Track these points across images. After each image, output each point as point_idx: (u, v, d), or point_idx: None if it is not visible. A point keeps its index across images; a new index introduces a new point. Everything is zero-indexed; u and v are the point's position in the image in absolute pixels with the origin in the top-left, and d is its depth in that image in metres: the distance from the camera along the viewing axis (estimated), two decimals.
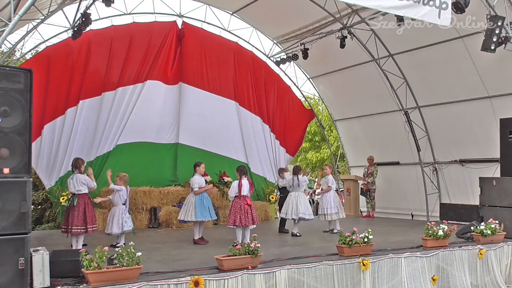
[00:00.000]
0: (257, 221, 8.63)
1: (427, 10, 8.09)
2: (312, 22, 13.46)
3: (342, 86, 15.16)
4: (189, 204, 9.04)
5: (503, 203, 9.17)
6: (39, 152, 11.25)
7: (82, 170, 8.18)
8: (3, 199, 5.03)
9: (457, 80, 11.98)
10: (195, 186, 8.97)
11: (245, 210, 8.37)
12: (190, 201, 9.04)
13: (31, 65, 10.45)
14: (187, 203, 9.11)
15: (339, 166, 17.37)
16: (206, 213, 8.93)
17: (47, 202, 14.54)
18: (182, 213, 9.12)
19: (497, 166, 10.66)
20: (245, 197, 8.48)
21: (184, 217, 9.05)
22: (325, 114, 19.35)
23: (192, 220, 8.95)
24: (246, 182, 8.58)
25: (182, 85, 13.30)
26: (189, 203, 9.03)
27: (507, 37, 8.98)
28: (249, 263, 6.07)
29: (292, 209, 9.95)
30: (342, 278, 6.57)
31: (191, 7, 13.65)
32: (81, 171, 8.15)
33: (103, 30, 12.24)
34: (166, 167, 13.20)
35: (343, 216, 10.64)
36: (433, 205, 13.34)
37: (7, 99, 5.19)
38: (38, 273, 5.24)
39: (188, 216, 8.94)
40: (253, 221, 8.45)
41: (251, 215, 8.43)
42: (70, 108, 11.66)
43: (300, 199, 10.01)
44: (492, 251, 8.05)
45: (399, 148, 14.10)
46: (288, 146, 15.21)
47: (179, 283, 5.50)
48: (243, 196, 8.47)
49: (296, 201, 9.98)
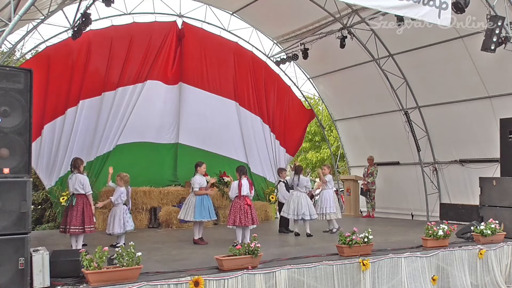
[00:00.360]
0: (257, 221, 8.63)
1: (427, 10, 8.09)
2: (312, 22, 13.46)
3: (342, 86, 15.16)
4: (189, 204, 9.04)
5: (503, 203, 9.17)
6: (39, 152, 11.25)
7: (81, 170, 8.14)
8: (3, 199, 5.03)
9: (457, 80, 11.98)
10: (195, 186, 8.96)
11: (245, 210, 8.37)
12: (191, 201, 9.03)
13: (31, 65, 10.46)
14: (187, 203, 9.12)
15: (339, 166, 17.36)
16: (206, 213, 8.92)
17: (47, 202, 14.55)
18: (182, 213, 9.13)
19: (497, 166, 10.66)
20: (245, 197, 8.49)
21: (184, 217, 9.06)
22: (325, 114, 19.35)
23: (191, 220, 8.97)
24: (246, 182, 8.58)
25: (182, 85, 13.31)
26: (189, 203, 9.03)
27: (507, 37, 8.98)
28: (249, 263, 6.07)
29: (294, 209, 9.95)
30: (342, 278, 6.57)
31: (191, 7, 13.68)
32: (80, 171, 8.09)
33: (103, 30, 12.24)
34: (166, 167, 13.21)
35: (339, 216, 10.64)
36: (433, 205, 13.33)
37: (7, 99, 5.19)
38: (38, 273, 5.24)
39: (188, 216, 8.95)
40: (253, 221, 8.46)
41: (251, 215, 8.43)
42: (70, 108, 11.67)
43: (301, 199, 10.02)
44: (492, 251, 8.05)
45: (399, 148, 14.09)
46: (288, 146, 15.21)
47: (179, 283, 5.50)
48: (243, 196, 8.48)
49: (298, 200, 9.99)
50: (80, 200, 7.94)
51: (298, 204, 9.97)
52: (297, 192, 10.11)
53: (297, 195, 10.07)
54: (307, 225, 10.12)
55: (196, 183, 8.98)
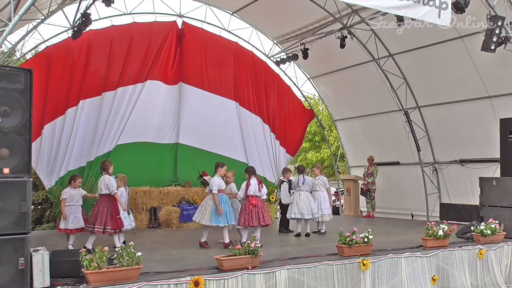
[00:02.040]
0: (265, 221, 8.37)
1: (427, 10, 8.09)
2: (312, 22, 13.47)
3: (342, 86, 15.16)
4: (205, 206, 8.51)
5: (503, 203, 9.16)
6: (39, 152, 11.25)
7: (110, 172, 8.11)
8: (3, 199, 5.03)
9: (457, 80, 11.98)
10: (213, 188, 8.32)
11: (249, 210, 8.33)
12: (207, 203, 8.50)
13: (31, 65, 10.45)
14: (204, 205, 8.57)
15: (339, 166, 17.37)
16: (223, 218, 8.33)
17: (47, 202, 14.54)
18: (198, 215, 8.57)
19: (497, 166, 10.66)
20: (251, 197, 8.41)
21: (200, 220, 8.49)
22: (325, 114, 19.36)
23: (207, 224, 8.43)
24: (254, 182, 8.51)
25: (182, 85, 13.31)
26: (206, 206, 8.50)
27: (507, 37, 8.99)
28: (249, 263, 6.07)
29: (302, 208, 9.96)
30: (342, 278, 6.57)
31: (191, 7, 13.69)
32: (109, 172, 8.09)
33: (103, 30, 12.24)
34: (166, 167, 13.21)
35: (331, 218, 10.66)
36: (433, 205, 13.33)
37: (7, 99, 5.19)
38: (38, 273, 5.23)
39: (204, 219, 8.41)
40: (259, 222, 8.32)
41: (257, 215, 8.32)
42: (70, 108, 11.66)
43: (310, 198, 10.06)
44: (492, 251, 8.05)
45: (399, 148, 14.09)
46: (288, 146, 15.21)
47: (179, 283, 5.49)
48: (250, 196, 8.40)
49: (307, 200, 10.02)
50: (103, 199, 7.96)
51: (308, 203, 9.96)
52: (301, 192, 10.08)
53: (306, 194, 10.06)
54: (308, 225, 10.11)
55: (214, 184, 8.34)
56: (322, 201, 10.33)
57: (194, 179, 12.81)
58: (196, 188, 12.61)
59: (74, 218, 8.13)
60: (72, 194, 8.29)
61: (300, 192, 10.13)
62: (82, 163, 11.81)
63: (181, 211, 11.83)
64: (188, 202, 12.23)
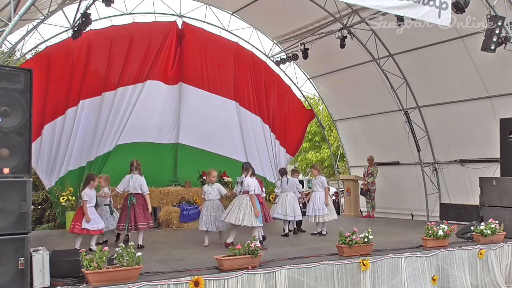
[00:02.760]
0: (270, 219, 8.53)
1: (427, 10, 8.09)
2: (312, 22, 13.47)
3: (342, 86, 15.17)
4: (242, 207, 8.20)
5: (503, 203, 9.16)
6: (39, 152, 11.25)
7: (141, 172, 8.64)
8: (3, 199, 5.03)
9: (457, 80, 11.98)
10: (251, 189, 8.17)
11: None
12: (245, 204, 8.20)
13: (31, 65, 10.45)
14: (241, 207, 8.22)
15: (339, 166, 17.36)
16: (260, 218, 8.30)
17: (47, 202, 14.55)
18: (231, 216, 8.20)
19: (497, 166, 10.66)
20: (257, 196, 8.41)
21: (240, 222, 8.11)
22: (325, 114, 19.36)
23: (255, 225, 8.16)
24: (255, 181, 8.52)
25: (182, 85, 13.31)
26: (244, 207, 8.19)
27: (507, 37, 8.99)
28: (249, 263, 6.07)
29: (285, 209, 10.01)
30: (342, 278, 6.57)
31: (191, 7, 13.69)
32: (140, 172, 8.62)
33: (103, 30, 12.24)
34: (166, 167, 13.19)
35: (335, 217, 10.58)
36: (433, 205, 13.34)
37: (7, 99, 5.18)
38: (38, 273, 5.23)
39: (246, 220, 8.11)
40: (265, 219, 8.39)
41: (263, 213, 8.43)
42: (70, 108, 11.67)
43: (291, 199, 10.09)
44: (492, 251, 8.05)
45: (399, 148, 14.10)
46: (288, 146, 15.22)
47: (179, 283, 5.50)
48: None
49: (291, 201, 10.08)
50: (139, 199, 8.44)
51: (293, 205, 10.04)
52: (288, 193, 10.14)
53: (292, 196, 10.14)
54: (287, 225, 10.18)
55: (252, 185, 8.20)
56: (317, 202, 10.29)
57: (194, 179, 12.82)
58: (196, 188, 12.59)
59: (93, 219, 8.06)
60: (92, 195, 8.26)
61: (286, 193, 10.18)
62: (82, 163, 11.81)
63: (181, 211, 11.83)
64: (188, 202, 12.23)
